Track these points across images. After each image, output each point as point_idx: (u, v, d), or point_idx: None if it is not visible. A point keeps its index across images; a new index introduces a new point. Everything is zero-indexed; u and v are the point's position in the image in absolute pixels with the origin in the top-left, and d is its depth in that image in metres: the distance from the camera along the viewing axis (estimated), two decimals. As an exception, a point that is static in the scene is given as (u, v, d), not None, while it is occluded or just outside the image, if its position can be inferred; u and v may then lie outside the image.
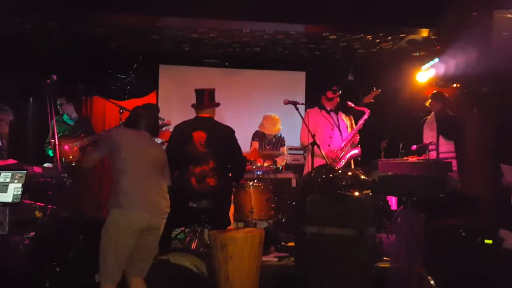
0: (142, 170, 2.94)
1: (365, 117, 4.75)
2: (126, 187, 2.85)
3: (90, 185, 5.82)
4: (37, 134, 5.97)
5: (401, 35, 5.83)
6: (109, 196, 2.98)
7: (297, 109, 4.31)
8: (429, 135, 5.39)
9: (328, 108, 4.84)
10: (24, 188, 3.39)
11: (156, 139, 4.02)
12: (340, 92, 4.85)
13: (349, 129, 4.86)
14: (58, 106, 5.52)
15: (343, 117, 4.90)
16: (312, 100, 6.76)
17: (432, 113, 5.55)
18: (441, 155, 5.13)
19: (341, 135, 4.75)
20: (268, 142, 5.91)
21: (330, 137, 4.72)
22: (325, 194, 3.20)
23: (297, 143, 6.40)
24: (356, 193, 3.22)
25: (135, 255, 2.93)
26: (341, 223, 3.14)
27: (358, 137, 4.75)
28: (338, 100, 4.85)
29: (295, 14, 4.84)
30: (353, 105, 4.82)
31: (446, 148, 5.11)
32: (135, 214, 2.84)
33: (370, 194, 3.34)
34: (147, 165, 2.99)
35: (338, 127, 4.79)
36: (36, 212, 3.41)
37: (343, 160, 4.62)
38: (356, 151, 4.68)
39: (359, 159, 4.88)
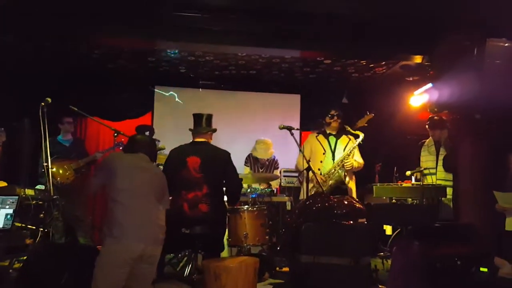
0: (137, 197, 2.91)
1: (358, 140, 4.74)
2: (120, 216, 2.82)
3: (83, 207, 5.74)
4: (31, 155, 5.91)
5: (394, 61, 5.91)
6: (102, 225, 2.94)
7: (292, 134, 4.31)
8: (428, 158, 5.37)
9: (328, 132, 4.85)
10: (15, 214, 3.34)
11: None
12: (338, 116, 4.86)
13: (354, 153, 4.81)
14: (65, 124, 5.53)
15: (343, 140, 4.85)
16: (307, 122, 6.85)
17: (430, 137, 5.57)
18: (437, 181, 5.11)
19: (333, 159, 4.74)
20: (261, 165, 5.90)
21: (321, 162, 4.75)
22: (320, 223, 3.18)
23: (291, 166, 6.43)
24: (351, 222, 3.20)
25: (131, 284, 2.87)
26: (336, 252, 3.11)
27: (350, 162, 4.68)
28: (336, 124, 4.85)
29: (290, 40, 4.89)
30: (349, 129, 4.83)
31: (442, 175, 5.10)
32: (129, 244, 2.79)
33: (365, 223, 3.32)
34: (143, 191, 2.96)
35: (333, 151, 4.78)
36: (26, 240, 3.33)
37: (330, 185, 4.59)
38: (341, 173, 4.64)
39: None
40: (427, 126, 5.44)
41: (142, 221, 2.88)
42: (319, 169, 4.69)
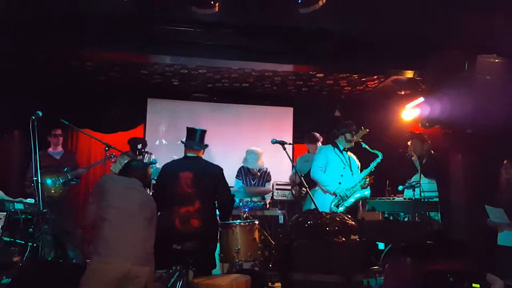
0: (126, 216, 2.89)
1: (378, 160, 4.75)
2: (107, 234, 2.80)
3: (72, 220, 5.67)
4: (21, 167, 5.85)
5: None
6: (90, 243, 2.91)
7: (284, 148, 4.31)
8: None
9: (342, 147, 4.84)
10: (3, 231, 3.29)
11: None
12: None
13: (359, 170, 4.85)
14: (53, 137, 5.50)
15: (353, 156, 4.90)
16: (300, 135, 6.86)
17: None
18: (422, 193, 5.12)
19: (352, 174, 4.75)
20: (253, 177, 5.85)
21: (341, 175, 4.71)
22: (312, 240, 3.15)
23: (284, 179, 6.42)
24: (344, 239, 3.18)
25: None
26: (328, 269, 3.09)
27: (368, 179, 4.73)
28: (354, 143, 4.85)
29: (283, 55, 4.92)
30: (367, 147, 4.80)
31: (427, 187, 5.12)
32: (114, 263, 2.78)
33: (358, 239, 3.31)
34: (133, 210, 2.94)
35: (350, 166, 4.79)
36: (14, 258, 3.27)
37: (351, 200, 4.60)
38: (366, 193, 4.66)
39: (367, 200, 4.86)
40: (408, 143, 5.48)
41: (129, 240, 2.86)
42: (339, 183, 4.67)
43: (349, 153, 4.88)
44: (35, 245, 4.11)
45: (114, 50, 4.80)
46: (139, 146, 5.80)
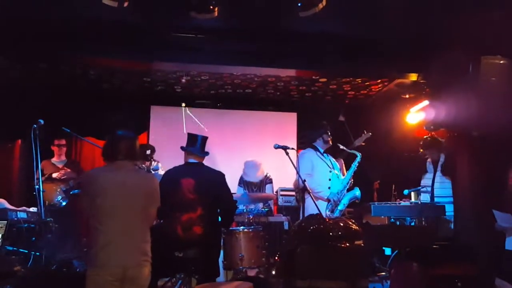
0: (116, 220, 2.83)
1: (358, 160, 4.74)
2: (98, 241, 2.77)
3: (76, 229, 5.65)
4: (25, 176, 5.86)
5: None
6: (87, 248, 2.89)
7: (287, 153, 4.27)
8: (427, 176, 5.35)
9: (322, 151, 4.83)
10: (3, 240, 3.27)
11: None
12: None
13: (342, 172, 4.85)
14: (56, 147, 5.51)
15: (333, 159, 4.89)
16: (304, 140, 6.81)
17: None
18: (435, 199, 5.05)
19: (338, 177, 4.73)
20: (254, 185, 5.81)
21: (330, 179, 4.70)
22: (315, 246, 3.10)
23: (288, 185, 6.36)
24: (348, 244, 3.12)
25: None
26: (332, 275, 3.03)
27: (352, 181, 4.74)
28: (331, 143, 4.87)
29: (285, 60, 4.89)
30: (345, 148, 4.80)
31: (440, 192, 5.05)
32: (109, 269, 2.75)
33: (362, 245, 3.25)
34: (123, 212, 2.85)
35: (333, 169, 4.79)
36: (15, 267, 3.25)
37: (344, 204, 4.57)
38: (357, 194, 4.64)
39: (357, 201, 4.82)
40: (421, 149, 5.42)
41: (123, 243, 2.81)
42: (329, 187, 4.64)
43: (329, 155, 4.88)
44: (38, 254, 4.09)
45: (116, 57, 4.80)
46: (148, 152, 5.77)
